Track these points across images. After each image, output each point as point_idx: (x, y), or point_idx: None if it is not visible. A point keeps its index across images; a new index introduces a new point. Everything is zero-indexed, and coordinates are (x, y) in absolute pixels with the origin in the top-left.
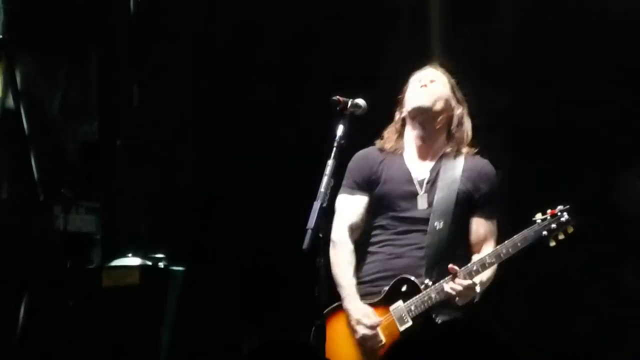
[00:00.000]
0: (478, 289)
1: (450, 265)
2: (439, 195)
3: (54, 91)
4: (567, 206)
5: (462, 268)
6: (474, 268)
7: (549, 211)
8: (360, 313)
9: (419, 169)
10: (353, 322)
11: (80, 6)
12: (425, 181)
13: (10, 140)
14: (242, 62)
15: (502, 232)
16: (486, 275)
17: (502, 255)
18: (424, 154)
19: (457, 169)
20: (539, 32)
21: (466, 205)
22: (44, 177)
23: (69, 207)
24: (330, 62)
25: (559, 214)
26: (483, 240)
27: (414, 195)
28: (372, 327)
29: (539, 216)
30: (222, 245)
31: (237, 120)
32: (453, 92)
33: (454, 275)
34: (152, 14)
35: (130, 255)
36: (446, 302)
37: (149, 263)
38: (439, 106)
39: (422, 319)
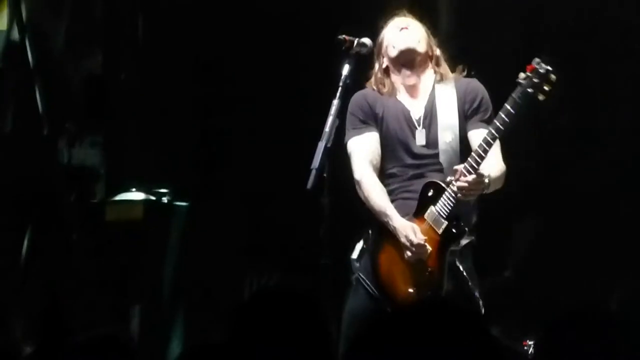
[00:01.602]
0: (487, 180)
1: (454, 168)
2: (441, 114)
3: (59, 24)
4: (542, 57)
5: (465, 163)
6: (475, 157)
7: (527, 67)
8: (409, 230)
9: (415, 108)
10: (403, 239)
11: None
12: (422, 117)
13: (15, 72)
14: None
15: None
16: (495, 169)
17: (500, 126)
18: (415, 93)
19: (450, 90)
20: None
21: (465, 119)
22: (48, 110)
23: (73, 141)
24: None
25: (537, 66)
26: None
27: (414, 133)
28: (420, 244)
29: (521, 76)
30: (227, 182)
31: (242, 59)
32: (428, 35)
33: (459, 174)
34: None
35: (134, 189)
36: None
37: (153, 198)
38: (422, 46)
39: (454, 215)
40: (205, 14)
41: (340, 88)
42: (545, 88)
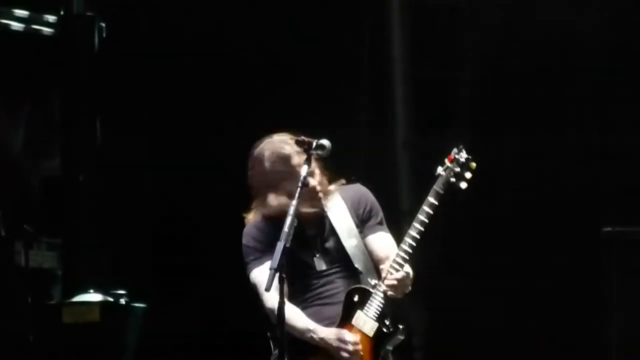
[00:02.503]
0: (410, 277)
1: (380, 267)
2: (338, 226)
3: (17, 128)
4: (461, 146)
5: (390, 263)
6: (402, 254)
7: (446, 159)
8: (337, 334)
9: (309, 228)
10: (336, 344)
11: (42, 46)
12: (319, 238)
13: None
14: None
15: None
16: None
17: (424, 219)
18: (306, 215)
19: (338, 203)
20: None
21: (361, 225)
22: (5, 212)
23: (30, 243)
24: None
25: (457, 156)
26: (387, 248)
27: (312, 256)
28: (355, 343)
29: (439, 168)
30: (183, 284)
31: (198, 156)
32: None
33: (385, 272)
34: (114, 53)
35: (91, 291)
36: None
37: (110, 299)
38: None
39: (383, 316)
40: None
41: (298, 189)
42: (467, 176)
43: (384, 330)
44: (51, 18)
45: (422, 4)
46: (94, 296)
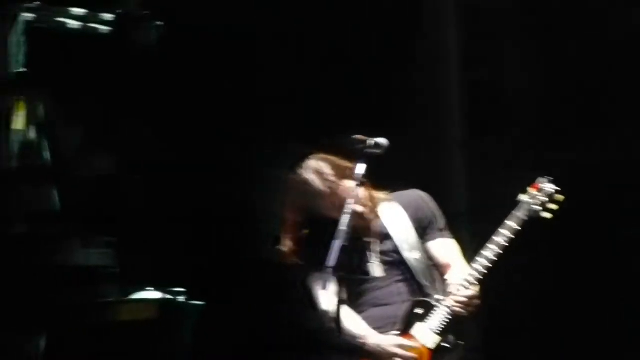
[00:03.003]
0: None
1: (448, 280)
2: (397, 237)
3: (74, 126)
4: (549, 178)
5: (460, 279)
6: (474, 274)
7: (528, 188)
8: (393, 341)
9: (364, 235)
10: (393, 350)
11: (100, 44)
12: (373, 247)
13: (31, 172)
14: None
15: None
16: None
17: (502, 242)
18: (359, 224)
19: (396, 209)
20: None
21: (422, 233)
22: (63, 211)
23: (87, 241)
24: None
25: (542, 186)
26: (448, 257)
27: (367, 262)
28: (413, 348)
29: (523, 196)
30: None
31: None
32: (344, 169)
33: (455, 288)
34: (171, 50)
35: (149, 289)
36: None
37: (168, 297)
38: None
39: (445, 330)
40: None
41: (355, 187)
42: (552, 207)
43: (446, 345)
44: (108, 16)
45: (478, 5)
46: (151, 294)
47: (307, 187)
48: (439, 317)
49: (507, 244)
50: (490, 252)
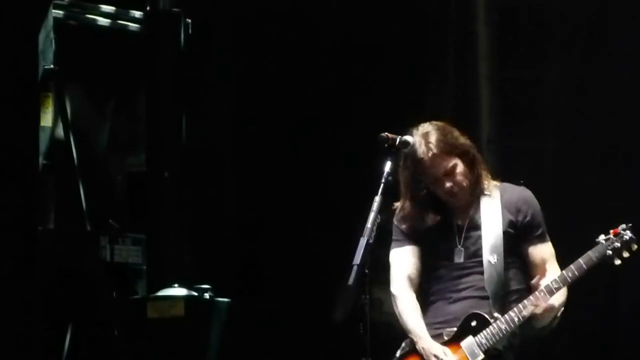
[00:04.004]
0: (558, 313)
1: (533, 282)
2: (485, 232)
3: (102, 123)
4: (630, 224)
5: (536, 292)
6: (542, 294)
7: (611, 231)
8: (438, 350)
9: (459, 215)
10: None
11: (129, 40)
12: (465, 232)
13: (58, 170)
14: (285, 96)
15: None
16: (559, 299)
17: (568, 279)
18: (459, 203)
19: (496, 203)
20: None
21: (515, 235)
22: (91, 207)
23: (115, 238)
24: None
25: (622, 232)
26: (543, 264)
27: (456, 245)
28: None
29: (602, 237)
30: (268, 279)
31: (282, 154)
32: (452, 145)
33: (534, 289)
34: (199, 50)
35: (175, 285)
36: (513, 335)
37: (195, 294)
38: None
39: (494, 351)
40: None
41: (382, 185)
42: (625, 255)
43: None
44: (137, 14)
45: (508, 2)
46: (178, 291)
47: (411, 149)
48: (489, 336)
49: (571, 281)
50: (554, 285)
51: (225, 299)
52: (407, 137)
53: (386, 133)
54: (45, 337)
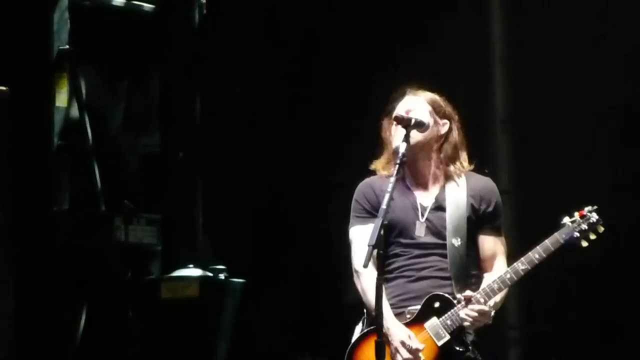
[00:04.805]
0: (492, 313)
1: (464, 294)
2: (450, 214)
3: (117, 104)
4: (595, 207)
5: (481, 289)
6: (496, 286)
7: (576, 213)
8: (403, 335)
9: (423, 195)
10: (396, 344)
11: (143, 22)
12: (429, 210)
13: (73, 150)
14: (298, 74)
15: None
16: (500, 295)
17: (535, 260)
18: (423, 179)
19: (461, 188)
20: None
21: (474, 222)
22: (105, 188)
23: (129, 219)
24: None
25: (588, 214)
26: (493, 257)
27: (419, 223)
28: (416, 350)
29: (567, 219)
30: (282, 260)
31: (298, 133)
32: (435, 112)
33: (468, 301)
34: (213, 31)
35: (190, 266)
36: None
37: (209, 274)
38: (417, 138)
39: (459, 332)
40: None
41: (397, 166)
42: (591, 237)
43: (455, 347)
44: None
45: None
46: (193, 271)
47: (394, 107)
48: (454, 318)
49: (538, 262)
50: (522, 265)
51: (240, 280)
52: (422, 118)
53: (401, 113)
54: (60, 316)
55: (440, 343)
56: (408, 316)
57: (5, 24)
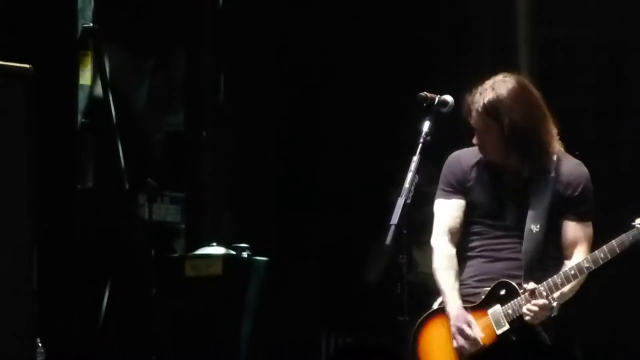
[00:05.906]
0: (555, 304)
1: (528, 286)
2: (533, 199)
3: (141, 82)
4: None
5: (545, 282)
6: (559, 280)
7: None
8: (462, 320)
9: (508, 177)
10: (453, 329)
11: (167, 1)
12: (512, 190)
13: (97, 128)
14: (325, 55)
15: (597, 235)
16: (569, 287)
17: (600, 260)
18: (509, 164)
19: (549, 173)
20: None
21: (559, 207)
22: (129, 166)
23: (153, 197)
24: (416, 57)
25: None
26: (574, 244)
27: (503, 204)
28: (475, 340)
29: (638, 221)
30: (306, 239)
31: (322, 114)
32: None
33: (532, 293)
34: (238, 9)
35: (214, 244)
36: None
37: (233, 253)
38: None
39: (519, 323)
40: (284, 71)
41: (420, 145)
42: None
43: (513, 337)
44: None
45: None
46: (216, 249)
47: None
48: (516, 308)
49: (602, 263)
50: (587, 263)
51: (264, 258)
52: (446, 97)
53: (425, 92)
54: (84, 295)
55: (499, 332)
56: (482, 297)
57: (29, 2)
